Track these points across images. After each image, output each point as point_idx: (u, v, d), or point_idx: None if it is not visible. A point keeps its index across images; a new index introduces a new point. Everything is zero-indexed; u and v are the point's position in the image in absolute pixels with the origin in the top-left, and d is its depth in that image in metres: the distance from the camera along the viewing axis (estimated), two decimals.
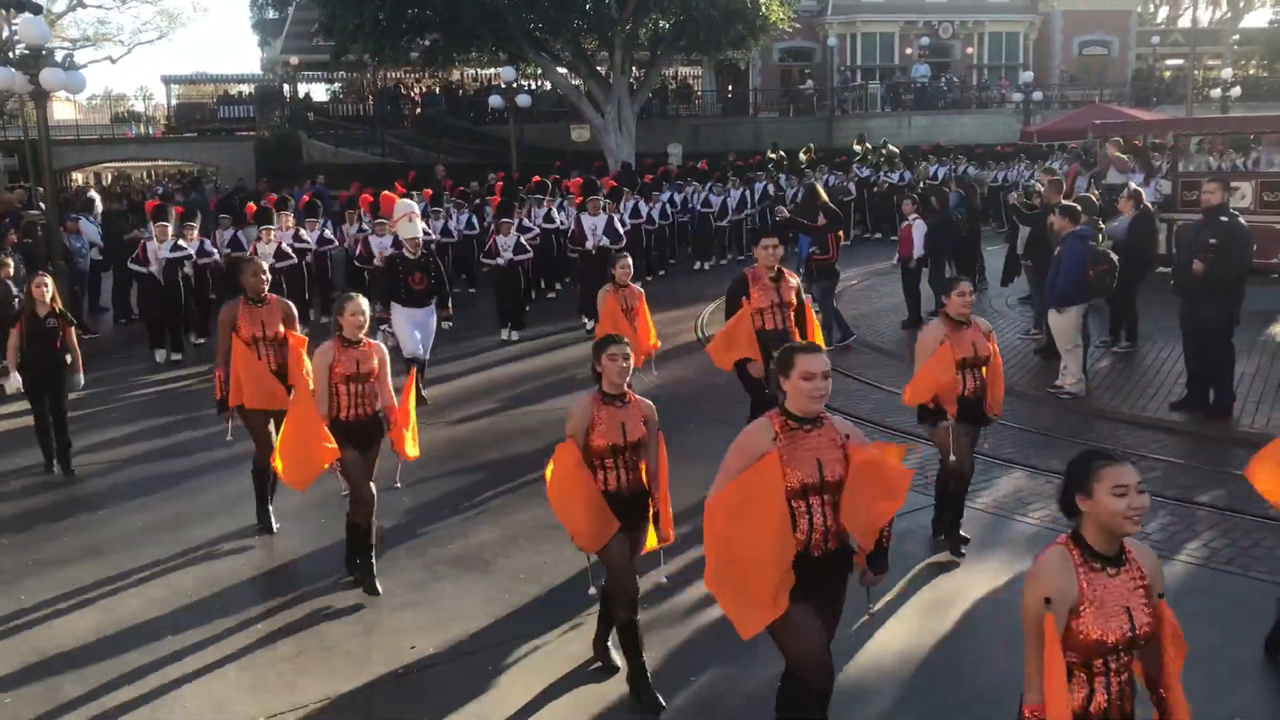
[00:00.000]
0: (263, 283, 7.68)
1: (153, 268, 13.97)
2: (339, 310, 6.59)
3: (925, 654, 5.81)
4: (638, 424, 5.37)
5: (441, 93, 42.00)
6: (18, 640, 6.33)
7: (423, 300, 11.11)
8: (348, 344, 6.58)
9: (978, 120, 38.34)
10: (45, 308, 9.19)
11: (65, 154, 34.82)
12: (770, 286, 8.13)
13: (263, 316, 7.63)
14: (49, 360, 9.25)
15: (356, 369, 6.58)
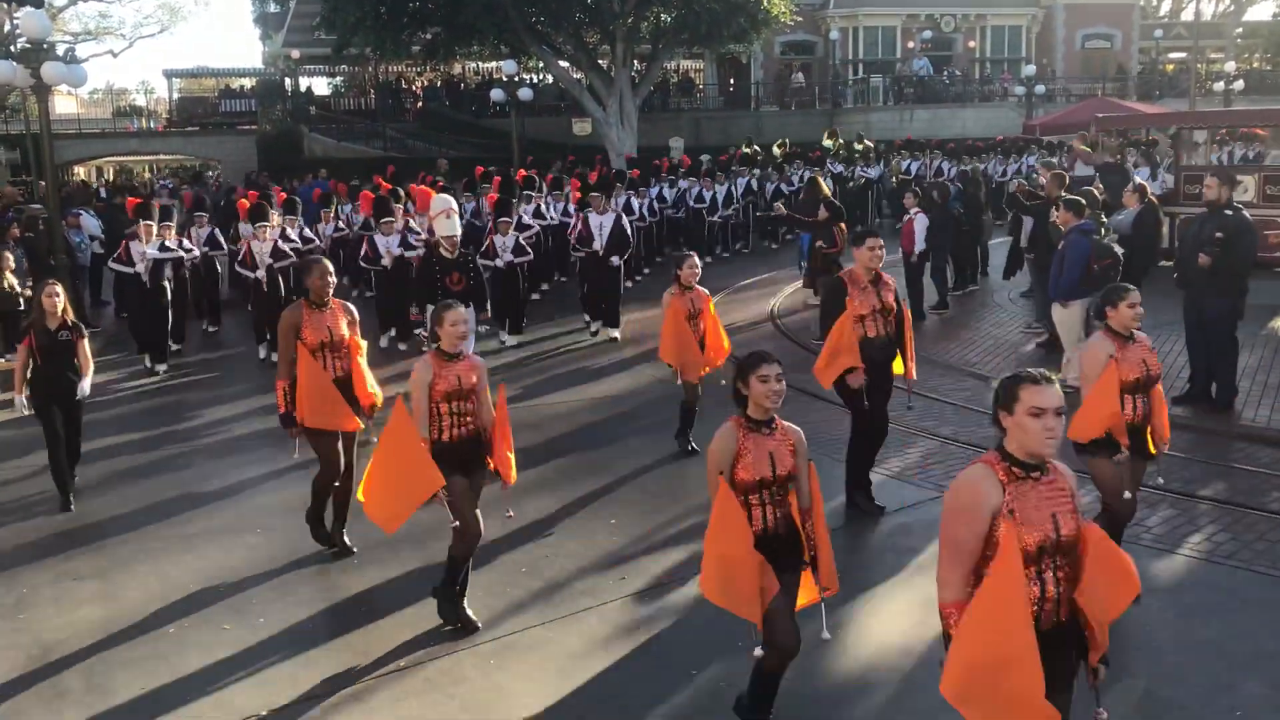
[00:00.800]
0: (329, 285, 7.18)
1: (139, 268, 12.96)
2: (437, 321, 6.02)
3: (927, 648, 5.80)
4: (786, 455, 4.72)
5: (443, 86, 41.96)
6: (20, 633, 6.34)
7: (461, 302, 10.61)
8: (447, 358, 6.01)
9: (980, 114, 38.29)
10: (56, 319, 8.27)
11: (67, 148, 34.82)
12: (871, 290, 7.56)
13: (327, 321, 7.12)
14: (62, 378, 8.32)
15: (459, 385, 5.98)
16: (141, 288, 13.08)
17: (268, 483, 8.96)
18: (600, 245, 14.09)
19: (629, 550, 7.26)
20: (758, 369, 4.60)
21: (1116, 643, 5.69)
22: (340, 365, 7.15)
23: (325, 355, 7.08)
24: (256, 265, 13.14)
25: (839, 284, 7.57)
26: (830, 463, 8.83)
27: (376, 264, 14.03)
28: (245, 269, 13.42)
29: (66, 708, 5.48)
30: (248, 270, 13.34)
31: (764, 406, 4.63)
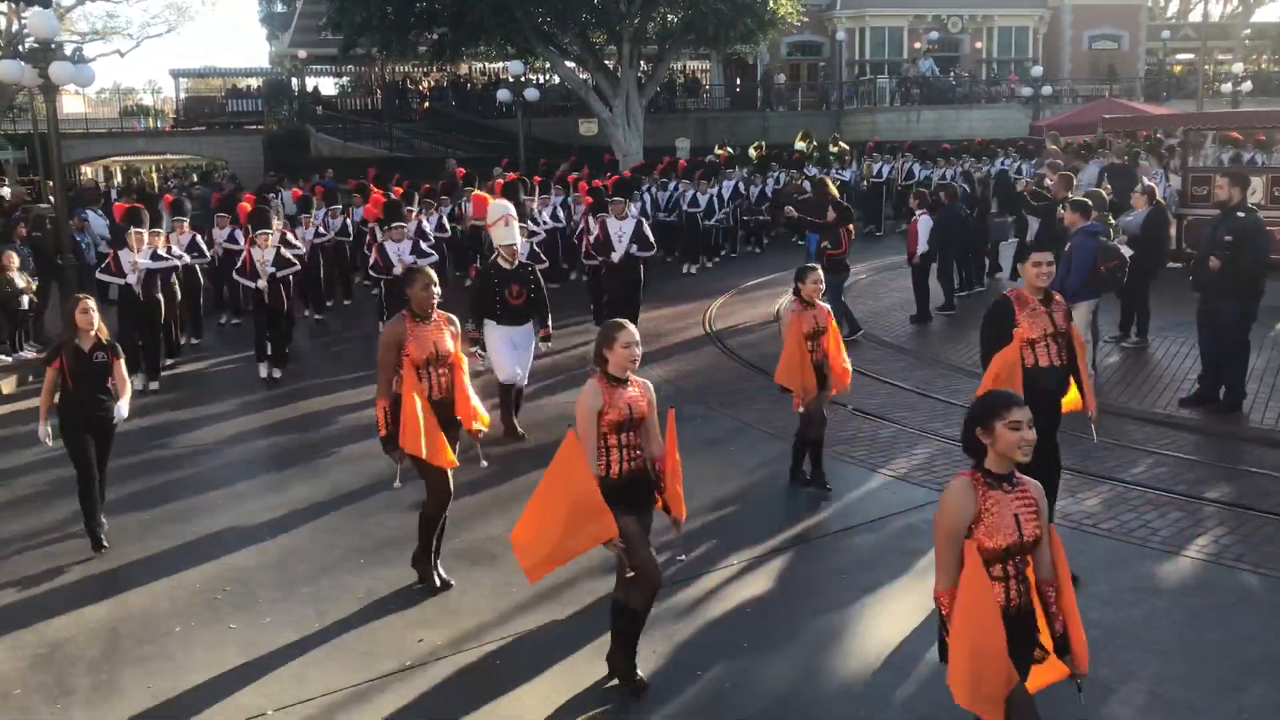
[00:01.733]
0: (433, 296, 6.60)
1: (130, 279, 11.87)
2: (606, 341, 5.29)
3: (933, 650, 5.77)
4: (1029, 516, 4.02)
5: (450, 87, 42.00)
6: (26, 631, 6.35)
7: (521, 317, 9.73)
8: (615, 383, 5.31)
9: (987, 115, 38.24)
10: (90, 339, 7.40)
11: (74, 148, 34.89)
12: (1041, 311, 6.45)
13: (432, 335, 6.59)
14: (96, 403, 7.46)
15: (629, 414, 5.30)
16: (133, 300, 12.04)
17: (274, 485, 8.97)
18: (620, 253, 13.02)
19: None
20: (1005, 414, 3.87)
21: (1122, 645, 5.70)
22: (443, 383, 6.69)
23: (430, 373, 6.61)
24: (258, 274, 12.25)
25: (1005, 303, 6.49)
26: (833, 462, 8.84)
27: (388, 273, 13.00)
28: (245, 278, 12.53)
29: (73, 707, 5.49)
30: (248, 280, 12.46)
31: (1011, 458, 3.91)
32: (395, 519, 7.98)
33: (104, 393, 7.47)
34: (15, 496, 8.89)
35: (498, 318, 9.63)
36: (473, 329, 9.52)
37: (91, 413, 7.45)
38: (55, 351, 7.40)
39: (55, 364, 7.34)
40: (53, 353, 7.45)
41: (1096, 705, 5.21)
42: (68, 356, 7.32)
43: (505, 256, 9.71)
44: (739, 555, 7.11)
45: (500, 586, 6.76)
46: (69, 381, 7.32)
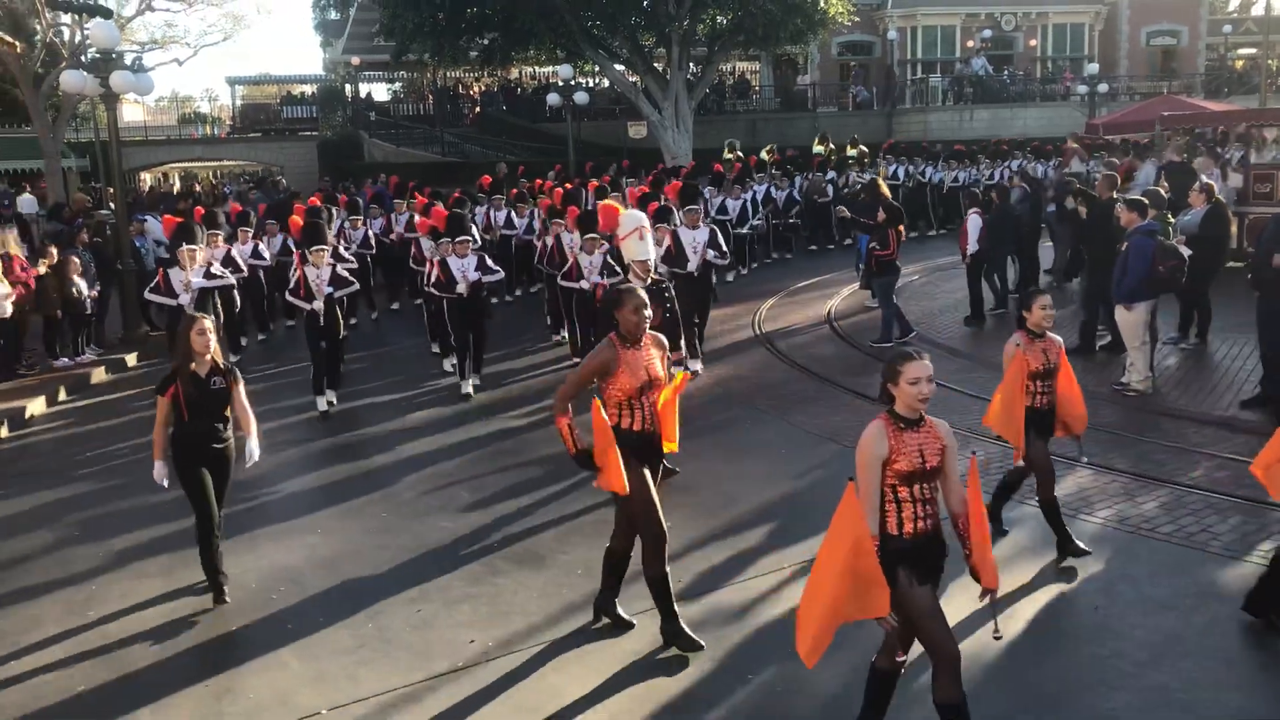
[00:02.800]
0: (645, 320, 5.99)
1: (182, 299, 11.17)
2: (891, 376, 4.59)
3: (987, 653, 5.72)
4: None
5: (500, 91, 42.30)
6: (89, 629, 6.48)
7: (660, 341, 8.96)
8: (906, 425, 4.57)
9: (1041, 113, 37.76)
10: (207, 364, 6.66)
11: (134, 155, 35.56)
12: None
13: (644, 360, 5.97)
14: (215, 436, 6.72)
15: (922, 463, 4.52)
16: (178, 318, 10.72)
17: (326, 487, 9.08)
18: (695, 265, 12.11)
19: (684, 553, 7.24)
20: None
21: (1183, 652, 5.58)
22: (648, 414, 6.02)
23: (642, 403, 5.97)
24: (313, 295, 11.22)
25: None
26: None
27: (450, 290, 11.59)
28: (298, 299, 11.41)
29: (133, 701, 5.59)
30: (301, 301, 11.37)
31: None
32: (447, 520, 8.04)
33: (222, 422, 6.74)
34: (87, 498, 9.07)
35: None
36: None
37: (209, 445, 6.69)
38: (168, 379, 6.60)
39: (169, 393, 6.56)
40: (165, 380, 6.63)
41: (1157, 711, 5.12)
42: (183, 384, 6.55)
43: (638, 273, 8.82)
44: (789, 559, 7.08)
45: (551, 588, 6.78)
46: (185, 412, 6.55)
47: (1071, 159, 21.79)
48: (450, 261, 11.65)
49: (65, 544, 7.93)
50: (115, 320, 15.64)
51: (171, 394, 6.56)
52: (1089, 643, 5.79)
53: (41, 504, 8.92)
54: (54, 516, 8.58)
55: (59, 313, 13.79)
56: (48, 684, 5.82)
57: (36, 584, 7.21)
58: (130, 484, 9.33)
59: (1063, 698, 5.27)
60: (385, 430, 10.65)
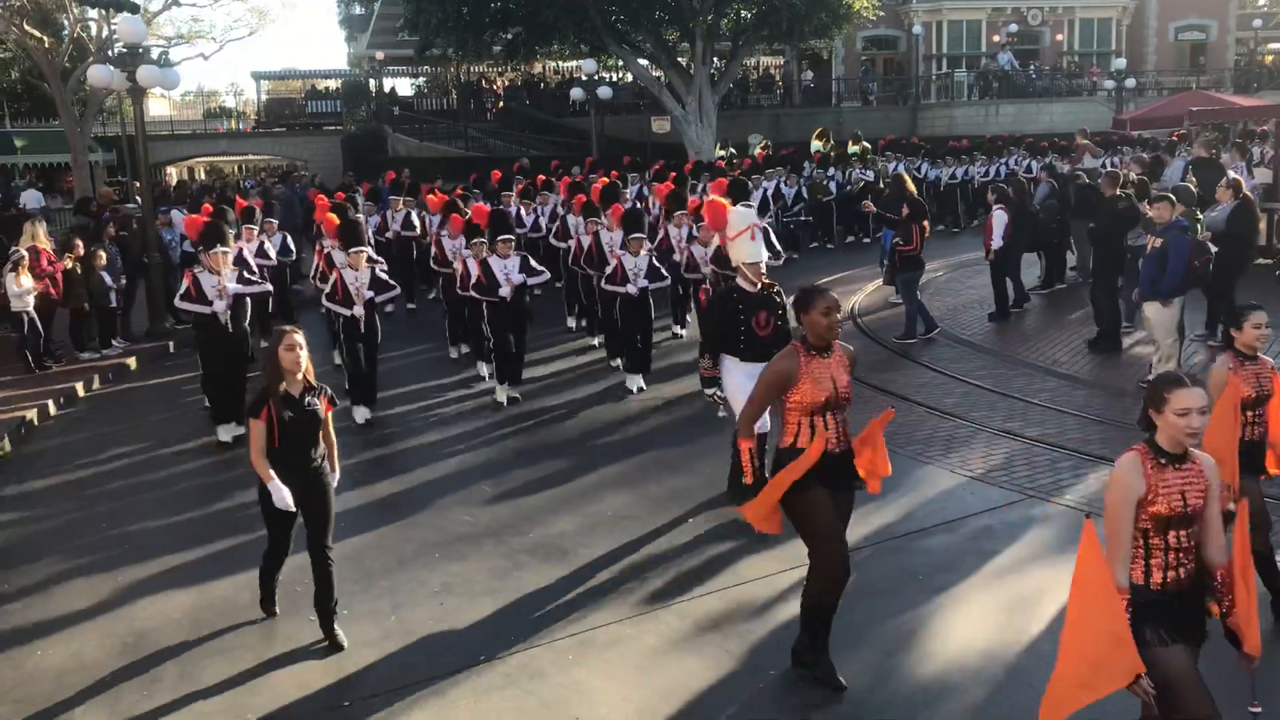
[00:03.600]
0: (836, 324, 5.41)
1: (217, 306, 10.00)
2: (1156, 403, 4.00)
3: (1011, 653, 5.70)
4: None
5: (523, 86, 42.34)
6: (116, 621, 6.54)
7: (767, 351, 7.31)
8: (1167, 459, 3.98)
9: (1068, 108, 37.45)
10: (299, 382, 6.00)
11: (160, 149, 35.82)
12: None
13: (831, 371, 5.35)
14: (307, 464, 6.04)
15: (1182, 505, 3.94)
16: (220, 334, 10.13)
17: (349, 480, 9.08)
18: None
19: (706, 548, 7.24)
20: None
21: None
22: (836, 430, 5.36)
23: (829, 419, 5.34)
24: (353, 300, 10.46)
25: None
26: (909, 462, 8.73)
27: (493, 293, 10.78)
28: (337, 304, 10.62)
29: (158, 694, 5.64)
30: (341, 306, 10.57)
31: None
32: (470, 513, 8.07)
33: (314, 446, 6.08)
34: (112, 492, 9.14)
35: (741, 352, 7.72)
36: (709, 365, 7.89)
37: (300, 474, 6.00)
38: (260, 400, 5.97)
39: (263, 415, 5.91)
40: (257, 402, 5.98)
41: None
42: (276, 405, 5.92)
43: (749, 277, 7.77)
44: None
45: (574, 582, 6.79)
46: (276, 437, 5.91)
47: (1084, 155, 21.76)
48: (492, 263, 10.87)
49: (92, 534, 8.00)
50: (141, 313, 15.75)
51: (265, 416, 5.90)
52: None
53: (67, 498, 9.00)
54: (80, 508, 8.66)
55: (85, 306, 13.90)
56: (74, 673, 5.88)
57: (64, 573, 7.28)
58: (159, 479, 9.41)
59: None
60: (406, 423, 10.67)
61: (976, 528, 7.48)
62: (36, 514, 8.60)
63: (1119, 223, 12.49)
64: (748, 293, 7.74)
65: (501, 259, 10.89)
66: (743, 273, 7.82)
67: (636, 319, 11.51)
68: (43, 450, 10.43)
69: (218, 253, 10.02)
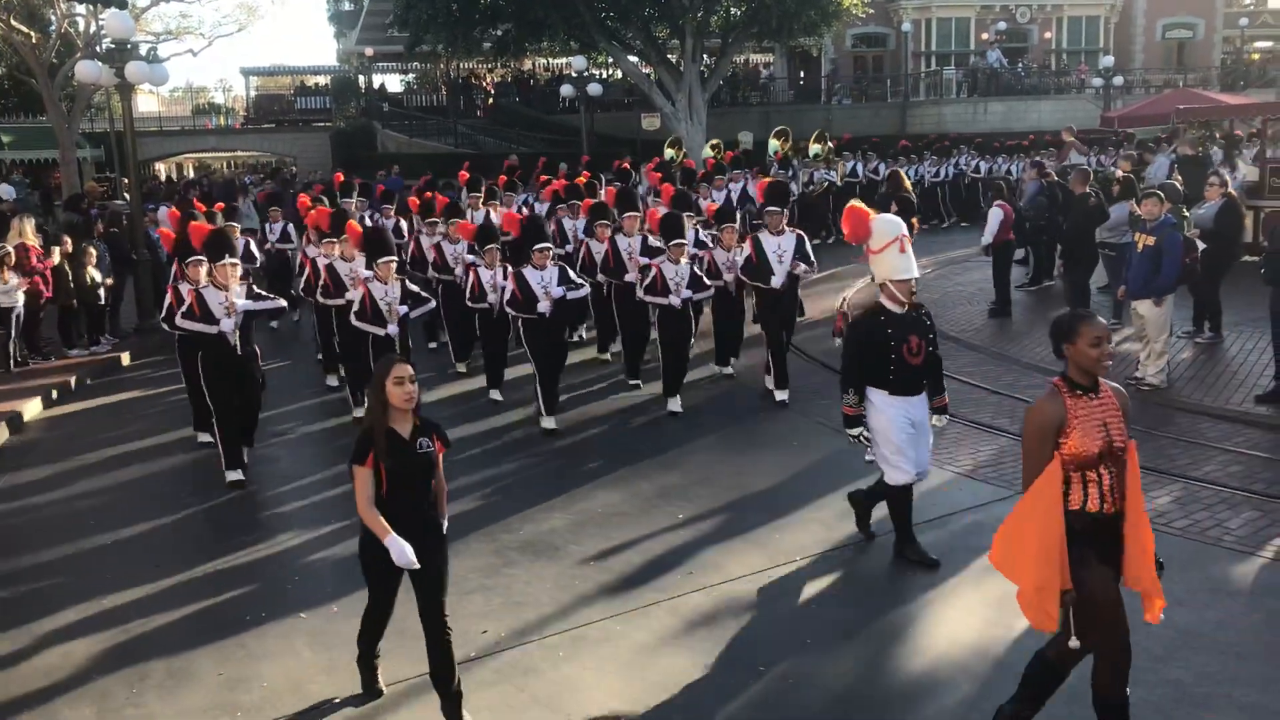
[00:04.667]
0: (1106, 358, 4.52)
1: (224, 325, 8.66)
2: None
3: (998, 649, 5.73)
4: None
5: (513, 82, 42.29)
6: (103, 618, 6.53)
7: (918, 383, 6.82)
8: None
9: (1056, 106, 37.54)
10: (409, 421, 5.10)
11: (149, 145, 35.66)
12: None
13: (1103, 415, 4.50)
14: (421, 517, 5.16)
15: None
16: (226, 355, 8.77)
17: (338, 479, 9.08)
18: (781, 277, 10.44)
19: (697, 545, 7.26)
20: None
21: (1198, 647, 5.57)
22: (1112, 487, 4.49)
23: (1102, 475, 4.45)
24: (385, 318, 9.62)
25: None
26: None
27: (531, 310, 9.76)
28: (368, 322, 9.65)
29: (148, 692, 5.63)
30: (373, 325, 9.64)
31: None
32: (460, 510, 8.07)
33: (427, 495, 5.19)
34: (98, 488, 9.12)
35: (890, 384, 6.76)
36: (854, 402, 6.85)
37: (413, 527, 5.05)
38: (364, 444, 5.04)
39: (369, 461, 5.00)
40: (361, 446, 5.04)
41: (1169, 708, 5.11)
42: (381, 448, 5.00)
43: (897, 296, 6.70)
44: (802, 552, 7.08)
45: (563, 579, 6.80)
46: (384, 484, 5.03)
47: (1069, 152, 21.92)
48: (528, 274, 9.79)
49: (80, 531, 7.98)
50: (130, 310, 15.70)
51: (371, 463, 5.00)
52: None
53: (53, 497, 8.98)
54: (68, 505, 8.64)
55: (74, 303, 13.86)
56: (61, 671, 5.87)
57: (52, 569, 7.26)
58: (147, 475, 9.40)
59: (1076, 692, 5.25)
60: None
61: (966, 524, 7.52)
62: (24, 511, 8.59)
63: (1088, 220, 12.55)
64: (896, 315, 6.72)
65: (538, 270, 9.83)
66: (889, 291, 6.73)
67: (677, 334, 10.42)
68: (30, 447, 10.42)
69: (226, 264, 8.80)
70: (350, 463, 5.05)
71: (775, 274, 10.37)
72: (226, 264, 8.83)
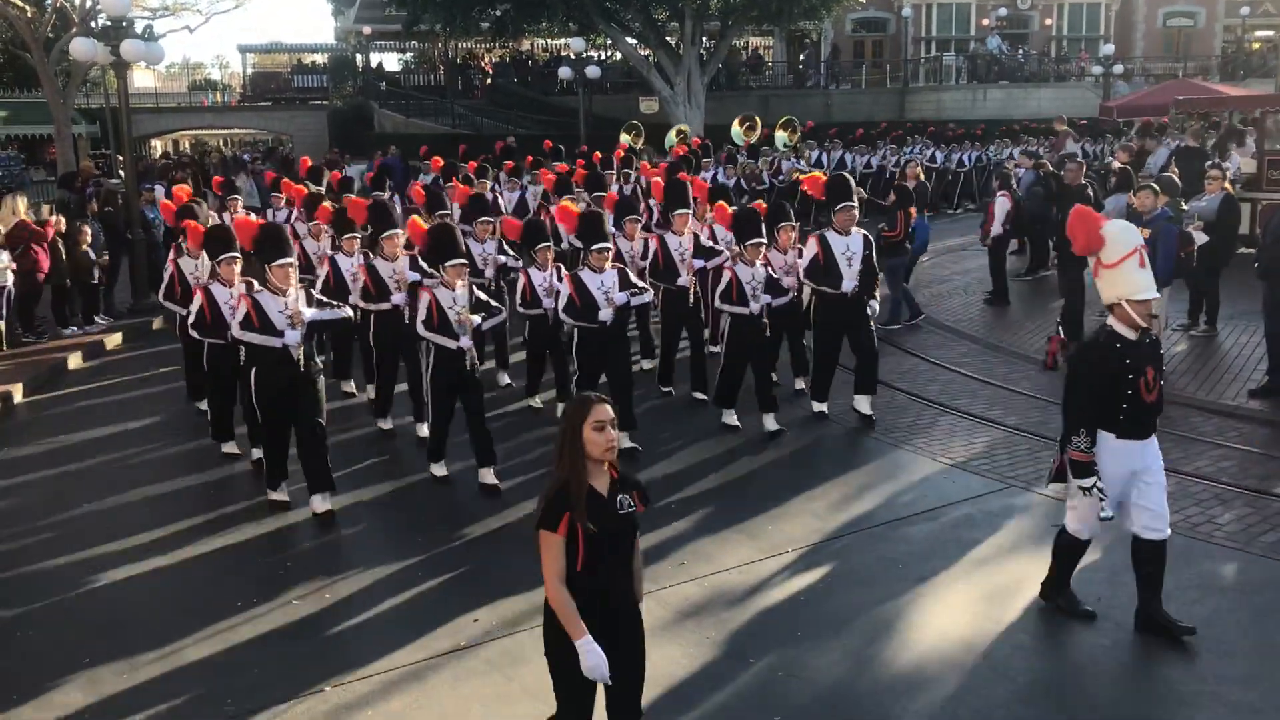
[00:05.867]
0: None
1: (289, 338, 7.51)
2: None
3: (988, 643, 5.74)
4: None
5: (512, 63, 42.14)
6: (95, 600, 6.55)
7: (1149, 424, 5.79)
8: None
9: (1056, 94, 37.46)
10: (605, 474, 4.09)
11: (144, 122, 35.53)
12: None
13: None
14: (622, 592, 4.14)
15: None
16: (289, 370, 7.60)
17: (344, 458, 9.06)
18: (851, 284, 9.23)
19: (688, 536, 7.26)
20: None
21: (1185, 644, 5.58)
22: None
23: None
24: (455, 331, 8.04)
25: None
26: (890, 449, 8.76)
27: (591, 319, 8.65)
28: (439, 333, 8.03)
29: (139, 673, 5.65)
30: (444, 337, 8.02)
31: None
32: (452, 499, 8.07)
33: (629, 570, 4.17)
34: (107, 474, 9.12)
35: (1120, 425, 5.71)
36: (1086, 447, 5.69)
37: (611, 615, 4.09)
38: (559, 504, 3.97)
39: (560, 528, 3.96)
40: (555, 507, 3.97)
41: (1156, 704, 5.13)
42: (578, 510, 3.97)
43: (1135, 319, 5.64)
44: (794, 543, 7.09)
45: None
46: (580, 557, 3.98)
47: (1065, 141, 21.96)
48: (586, 278, 8.70)
49: (73, 510, 7.98)
50: (125, 290, 15.67)
51: (564, 529, 3.96)
52: (1092, 633, 5.80)
53: (44, 476, 8.97)
54: (61, 485, 8.64)
55: (68, 282, 13.81)
56: (53, 654, 5.87)
57: (45, 551, 7.26)
58: (140, 455, 9.38)
59: (1063, 689, 5.29)
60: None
61: (957, 516, 7.52)
62: (16, 490, 8.58)
63: None
64: (1132, 343, 5.65)
65: (597, 273, 8.74)
66: (1124, 313, 5.65)
67: (753, 346, 9.34)
68: (23, 426, 10.40)
69: (284, 265, 7.57)
70: (537, 527, 4.02)
71: (845, 277, 9.21)
72: (286, 264, 7.60)
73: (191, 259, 9.97)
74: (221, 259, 8.37)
